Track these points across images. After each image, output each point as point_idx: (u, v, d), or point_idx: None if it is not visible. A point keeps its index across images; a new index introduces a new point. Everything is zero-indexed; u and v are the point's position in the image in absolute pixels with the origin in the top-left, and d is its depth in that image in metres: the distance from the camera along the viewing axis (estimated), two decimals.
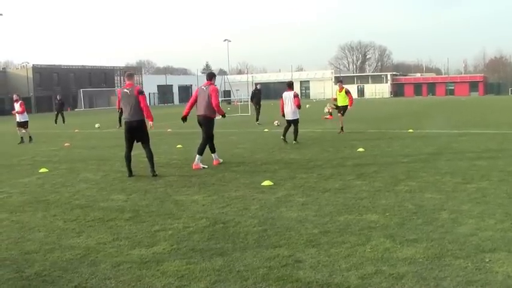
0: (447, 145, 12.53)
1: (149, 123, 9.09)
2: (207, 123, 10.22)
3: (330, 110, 17.63)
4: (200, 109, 10.23)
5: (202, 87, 10.34)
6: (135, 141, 9.22)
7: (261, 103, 24.20)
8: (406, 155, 10.80)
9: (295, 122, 14.00)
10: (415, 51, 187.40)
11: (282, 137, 14.04)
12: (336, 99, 17.88)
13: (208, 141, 10.27)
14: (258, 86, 24.95)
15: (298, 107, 13.93)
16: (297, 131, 14.07)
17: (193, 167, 9.87)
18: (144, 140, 9.11)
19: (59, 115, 30.86)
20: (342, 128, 16.97)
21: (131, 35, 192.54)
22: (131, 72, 9.67)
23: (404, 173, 8.57)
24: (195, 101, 10.36)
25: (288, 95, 14.04)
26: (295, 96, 13.96)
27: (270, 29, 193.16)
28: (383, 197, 6.75)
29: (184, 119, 10.52)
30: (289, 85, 14.34)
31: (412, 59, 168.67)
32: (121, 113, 16.32)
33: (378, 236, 4.96)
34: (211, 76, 10.42)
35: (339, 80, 18.46)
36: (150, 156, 9.05)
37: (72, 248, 4.94)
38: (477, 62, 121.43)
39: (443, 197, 6.62)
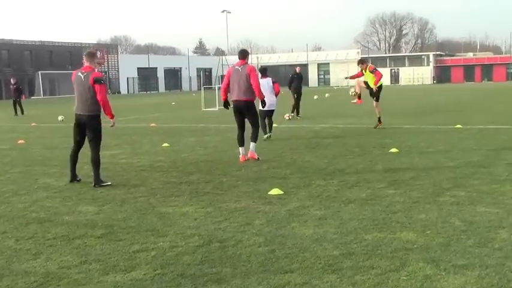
0: (507, 145, 12.51)
1: (111, 121, 9.01)
2: (249, 108, 11.11)
3: (357, 91, 17.36)
4: (238, 93, 10.94)
5: (236, 67, 11.05)
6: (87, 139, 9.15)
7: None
8: (452, 158, 10.79)
9: (272, 114, 15.09)
10: (466, 25, 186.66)
11: (265, 135, 14.64)
12: (365, 84, 17.36)
13: (256, 126, 11.28)
14: (298, 69, 23.99)
15: (277, 94, 15.25)
16: (272, 124, 15.21)
17: (249, 156, 11.05)
18: (93, 139, 9.01)
19: (17, 104, 30.95)
20: (379, 120, 16.95)
21: (105, 3, 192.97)
22: (93, 51, 9.52)
23: (450, 180, 8.56)
24: (228, 84, 11.13)
25: (265, 83, 14.66)
26: (275, 82, 15.00)
27: None
28: (422, 210, 6.75)
29: (226, 104, 11.40)
30: (263, 71, 15.16)
31: (463, 34, 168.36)
32: None
33: (416, 260, 4.97)
34: (244, 54, 11.25)
35: (361, 61, 17.59)
36: (94, 161, 8.91)
37: (26, 274, 4.95)
38: None
39: (501, 211, 6.61)
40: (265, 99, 14.57)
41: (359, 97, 17.18)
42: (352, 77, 17.74)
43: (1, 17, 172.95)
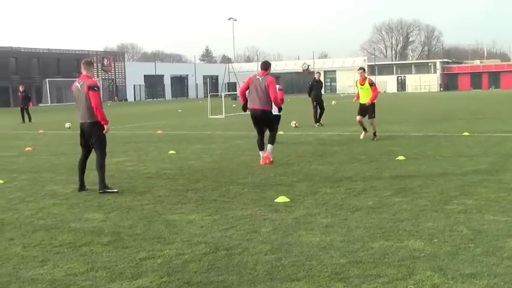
0: None
1: (104, 127, 9.13)
2: (266, 116, 11.71)
3: (363, 124, 16.52)
4: (256, 102, 11.58)
5: (258, 77, 11.63)
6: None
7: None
8: (459, 165, 10.76)
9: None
10: (473, 32, 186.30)
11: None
12: (361, 105, 16.83)
13: (274, 130, 12.06)
14: (317, 76, 23.27)
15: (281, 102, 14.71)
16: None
17: (265, 156, 11.54)
18: (96, 146, 9.17)
19: (24, 111, 31.08)
20: (374, 133, 16.31)
21: (111, 11, 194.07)
22: (89, 60, 9.67)
23: (458, 188, 8.54)
24: (246, 90, 11.82)
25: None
26: (280, 89, 14.47)
27: (285, 4, 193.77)
28: (430, 218, 6.73)
29: (245, 107, 12.04)
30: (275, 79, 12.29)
31: (469, 41, 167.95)
32: None
33: (424, 268, 4.95)
34: (267, 65, 11.80)
35: (362, 68, 17.16)
36: (98, 166, 9.10)
37: (33, 282, 4.97)
38: None
39: (510, 219, 6.58)
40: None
41: (364, 128, 16.50)
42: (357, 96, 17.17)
43: (9, 25, 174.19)
